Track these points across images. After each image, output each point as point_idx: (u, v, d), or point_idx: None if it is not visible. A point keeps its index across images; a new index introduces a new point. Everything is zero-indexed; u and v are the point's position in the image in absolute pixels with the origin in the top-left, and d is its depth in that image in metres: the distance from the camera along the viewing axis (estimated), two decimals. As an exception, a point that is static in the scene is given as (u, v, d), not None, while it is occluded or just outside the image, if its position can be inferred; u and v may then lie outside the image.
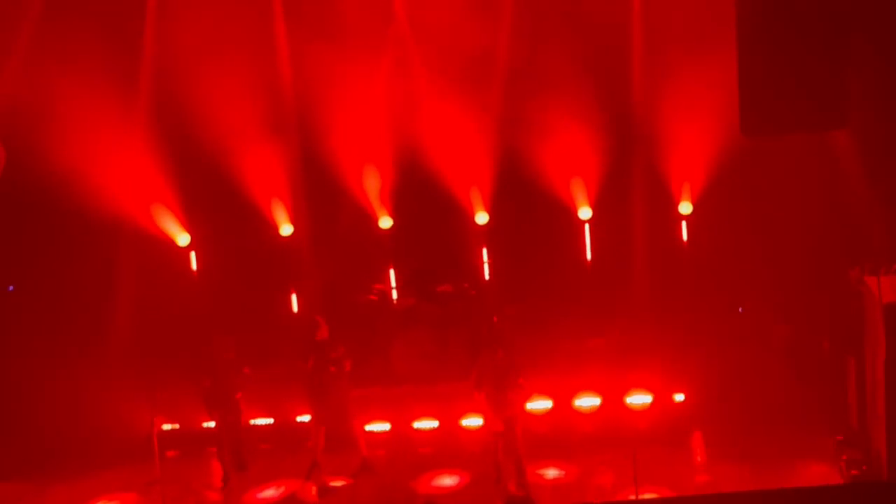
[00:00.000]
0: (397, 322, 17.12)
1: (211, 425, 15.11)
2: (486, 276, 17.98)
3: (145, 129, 17.25)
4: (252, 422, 15.93)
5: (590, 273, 17.62)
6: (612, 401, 15.69)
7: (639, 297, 17.21)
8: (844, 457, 13.23)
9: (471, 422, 15.60)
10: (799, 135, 12.72)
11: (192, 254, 17.72)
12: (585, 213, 17.51)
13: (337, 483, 14.34)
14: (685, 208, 17.27)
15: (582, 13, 16.46)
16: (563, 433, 15.45)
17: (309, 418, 14.79)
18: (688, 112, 16.17)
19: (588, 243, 17.67)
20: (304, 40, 16.96)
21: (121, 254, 17.48)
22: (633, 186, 17.39)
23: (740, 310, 17.26)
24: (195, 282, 17.79)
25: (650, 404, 15.66)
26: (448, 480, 14.38)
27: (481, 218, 17.72)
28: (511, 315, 16.19)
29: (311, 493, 14.19)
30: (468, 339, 16.33)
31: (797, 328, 16.24)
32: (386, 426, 15.89)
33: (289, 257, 17.89)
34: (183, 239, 17.52)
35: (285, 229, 17.73)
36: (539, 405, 15.66)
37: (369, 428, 15.59)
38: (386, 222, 17.89)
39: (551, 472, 14.35)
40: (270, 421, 16.20)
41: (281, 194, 17.61)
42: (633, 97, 17.23)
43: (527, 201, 17.35)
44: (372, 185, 17.74)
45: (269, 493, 14.42)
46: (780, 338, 16.36)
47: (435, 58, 16.89)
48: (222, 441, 14.86)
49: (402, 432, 15.87)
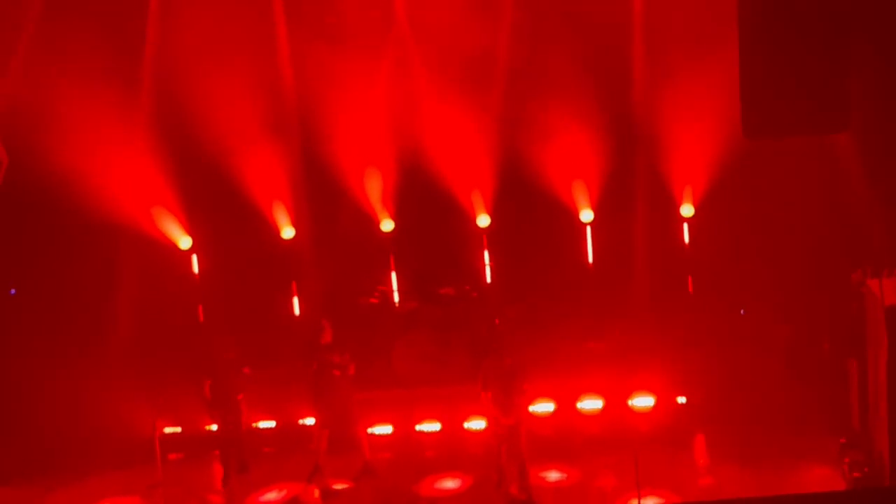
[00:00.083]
0: (399, 324, 17.10)
1: (213, 428, 15.10)
2: (488, 279, 17.96)
3: (146, 130, 17.24)
4: (255, 424, 15.91)
5: (591, 275, 17.61)
6: (615, 403, 15.67)
7: (640, 299, 17.20)
8: (847, 459, 13.19)
9: (474, 424, 15.58)
10: (800, 137, 12.70)
11: (194, 256, 17.71)
12: (587, 215, 17.50)
13: (339, 486, 14.32)
14: (687, 210, 17.26)
15: (583, 14, 16.45)
16: (566, 436, 15.43)
17: (312, 421, 14.77)
18: (689, 114, 16.17)
19: (589, 245, 17.67)
20: (305, 42, 16.96)
21: (122, 256, 17.46)
22: (634, 188, 17.38)
23: (742, 312, 17.23)
24: (196, 284, 17.77)
25: (653, 407, 15.65)
26: (450, 484, 14.36)
27: (483, 220, 17.71)
28: (512, 317, 16.18)
29: (313, 496, 14.16)
30: (470, 342, 16.33)
31: (799, 330, 16.23)
32: (390, 429, 15.87)
33: (290, 260, 17.88)
34: (184, 241, 17.51)
35: (287, 232, 17.71)
36: (542, 408, 15.65)
37: (373, 431, 15.58)
38: (387, 224, 17.88)
39: (553, 475, 14.33)
40: (273, 424, 16.16)
41: (282, 196, 17.59)
42: (635, 99, 17.23)
43: (528, 203, 17.34)
44: (373, 187, 17.73)
45: (271, 496, 14.39)
46: (782, 339, 16.34)
47: (436, 59, 16.90)
48: (223, 442, 14.85)
49: (405, 435, 15.85)
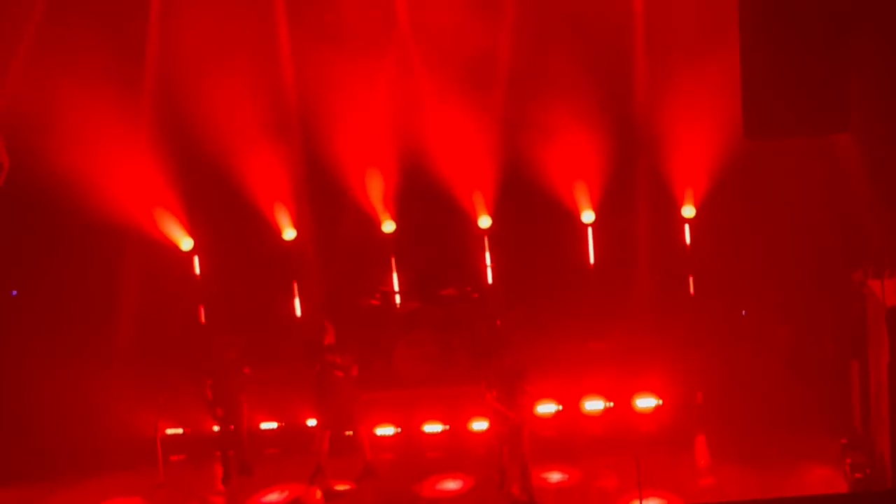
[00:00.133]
0: (400, 325, 17.11)
1: (215, 429, 15.09)
2: (490, 280, 17.97)
3: (148, 132, 17.24)
4: (259, 426, 15.88)
5: (592, 276, 17.61)
6: (618, 404, 15.66)
7: (641, 300, 17.21)
8: (848, 460, 13.19)
9: (479, 425, 15.56)
10: (801, 138, 12.72)
11: (196, 258, 17.72)
12: (588, 216, 17.51)
13: (341, 487, 14.32)
14: (688, 211, 17.27)
15: (584, 16, 16.45)
16: (570, 437, 15.40)
17: (315, 422, 14.78)
18: (690, 115, 16.18)
19: (591, 246, 17.68)
20: (306, 43, 16.96)
21: (124, 258, 17.48)
22: (636, 189, 17.39)
23: (743, 313, 17.24)
24: (198, 285, 17.78)
25: (656, 407, 15.64)
26: (451, 485, 14.37)
27: (484, 221, 17.72)
28: (514, 318, 16.18)
29: (315, 497, 14.17)
30: (471, 343, 16.33)
31: (800, 331, 16.24)
32: (395, 430, 15.83)
33: (292, 261, 17.89)
34: (186, 243, 17.52)
35: (288, 233, 17.73)
36: (546, 409, 15.64)
37: (378, 432, 15.57)
38: (389, 226, 17.89)
39: (555, 476, 14.33)
40: (276, 425, 16.12)
41: (283, 198, 17.60)
42: (636, 100, 17.23)
43: (530, 204, 17.34)
44: (375, 188, 17.74)
45: (273, 497, 14.40)
46: (783, 340, 16.35)
47: (437, 60, 16.90)
48: (223, 443, 14.83)
49: (410, 436, 15.81)
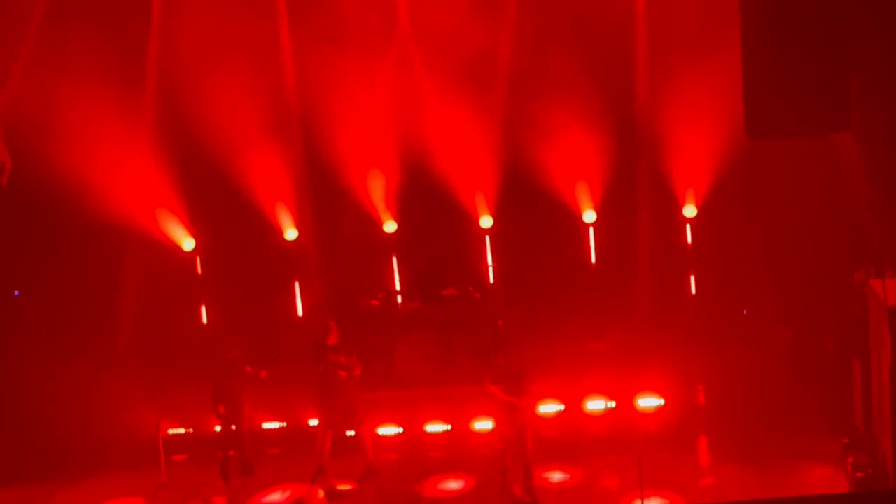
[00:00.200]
0: (402, 325, 17.11)
1: (217, 429, 15.10)
2: (491, 280, 17.97)
3: (150, 132, 17.27)
4: (263, 425, 15.88)
5: (594, 276, 17.62)
6: (620, 404, 15.65)
7: (643, 300, 17.22)
8: (850, 459, 13.18)
9: (482, 425, 15.56)
10: (802, 138, 12.72)
11: (197, 258, 17.73)
12: (590, 216, 17.52)
13: (343, 487, 14.33)
14: (689, 211, 17.28)
15: (585, 16, 16.46)
16: (572, 436, 15.37)
17: (318, 422, 14.78)
18: (691, 115, 16.19)
19: (592, 246, 17.68)
20: (307, 43, 16.98)
21: (126, 258, 17.50)
22: (637, 189, 17.41)
23: (745, 312, 17.25)
24: (200, 286, 17.79)
25: (659, 407, 15.63)
26: (453, 485, 14.37)
27: (486, 221, 17.73)
28: (516, 318, 16.18)
29: (317, 497, 14.18)
30: (473, 343, 16.34)
31: (802, 331, 16.24)
32: (398, 430, 15.79)
33: (293, 261, 17.90)
34: (188, 243, 17.54)
35: (290, 233, 17.74)
36: (548, 408, 15.63)
37: (381, 431, 15.56)
38: (390, 226, 17.90)
39: (556, 476, 14.33)
40: (281, 425, 16.08)
41: (285, 198, 17.62)
42: (637, 100, 17.25)
43: (531, 204, 17.36)
44: (376, 188, 17.75)
45: (275, 497, 14.41)
46: (785, 340, 16.35)
47: (439, 61, 16.91)
48: (224, 442, 14.83)
49: (413, 436, 15.78)
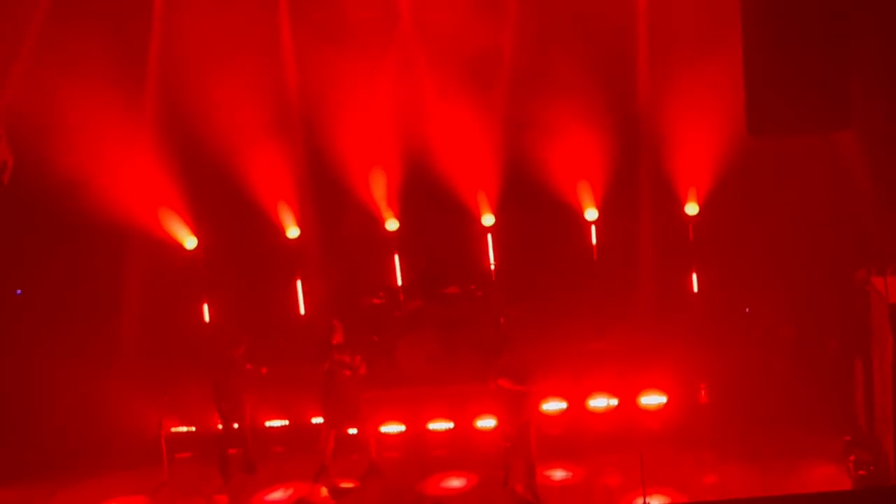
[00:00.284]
0: (404, 324, 17.12)
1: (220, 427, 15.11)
2: (493, 278, 17.97)
3: (152, 132, 17.28)
4: (267, 423, 15.89)
5: (596, 274, 17.61)
6: (624, 402, 15.64)
7: (645, 298, 17.22)
8: (852, 457, 13.21)
9: (485, 423, 15.56)
10: (804, 135, 12.73)
11: (200, 256, 17.74)
12: (592, 214, 17.53)
13: (346, 485, 14.34)
14: (691, 209, 17.28)
15: (587, 14, 16.47)
16: (575, 434, 15.37)
17: (321, 421, 14.80)
18: (693, 113, 16.18)
19: (594, 245, 17.69)
20: (309, 42, 16.98)
21: (128, 257, 17.52)
22: (639, 188, 17.41)
23: (747, 310, 17.24)
24: (202, 284, 17.80)
25: (662, 405, 15.62)
26: (456, 482, 14.38)
27: (487, 219, 17.74)
28: (518, 317, 16.18)
29: (320, 495, 14.19)
30: (475, 341, 16.34)
31: (804, 329, 16.24)
32: (401, 428, 15.77)
33: (295, 259, 17.91)
34: (190, 241, 17.55)
35: (292, 231, 17.75)
36: (552, 406, 15.63)
37: (384, 430, 15.57)
38: (392, 224, 17.91)
39: (559, 474, 14.34)
40: (283, 423, 16.04)
41: (287, 197, 17.62)
42: (639, 98, 17.25)
43: (533, 203, 17.36)
44: (378, 186, 17.76)
45: (277, 495, 14.42)
46: (787, 338, 16.35)
47: (441, 59, 16.92)
48: (225, 440, 14.83)
49: (416, 434, 15.76)
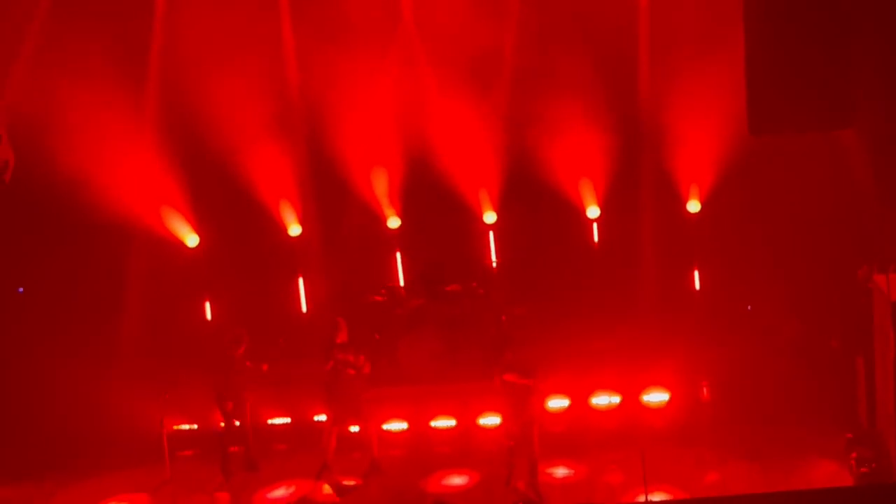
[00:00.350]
0: (406, 321, 17.12)
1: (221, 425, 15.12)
2: (495, 276, 17.98)
3: (154, 131, 17.30)
4: (269, 421, 15.90)
5: (598, 272, 17.62)
6: (627, 399, 15.64)
7: (647, 296, 17.23)
8: (854, 455, 13.20)
9: (488, 421, 15.56)
10: (807, 134, 12.75)
11: (201, 255, 17.75)
12: (594, 212, 17.54)
13: (348, 483, 14.36)
14: (693, 207, 17.28)
15: (589, 13, 16.48)
16: (578, 432, 15.36)
17: (325, 418, 14.80)
18: (695, 111, 16.20)
19: (596, 243, 17.69)
20: (311, 41, 17.00)
21: (130, 255, 17.54)
22: (641, 186, 17.42)
23: (749, 308, 17.25)
24: (204, 282, 17.82)
25: (665, 402, 15.61)
26: (458, 480, 14.39)
27: (489, 217, 17.75)
28: (520, 314, 16.19)
29: (322, 493, 14.21)
30: (476, 339, 16.35)
31: (806, 326, 16.25)
32: (403, 425, 15.75)
33: (297, 258, 17.93)
34: (192, 239, 17.57)
35: (293, 229, 17.76)
36: (555, 404, 15.63)
37: (387, 427, 15.57)
38: (394, 222, 17.92)
39: (561, 471, 14.35)
40: (286, 420, 16.03)
41: (289, 195, 17.64)
42: (641, 97, 17.26)
43: (535, 201, 17.38)
44: (380, 184, 17.78)
45: (279, 492, 14.43)
46: (789, 336, 16.35)
47: (442, 58, 16.93)
48: (226, 438, 14.83)
49: (419, 432, 15.75)
